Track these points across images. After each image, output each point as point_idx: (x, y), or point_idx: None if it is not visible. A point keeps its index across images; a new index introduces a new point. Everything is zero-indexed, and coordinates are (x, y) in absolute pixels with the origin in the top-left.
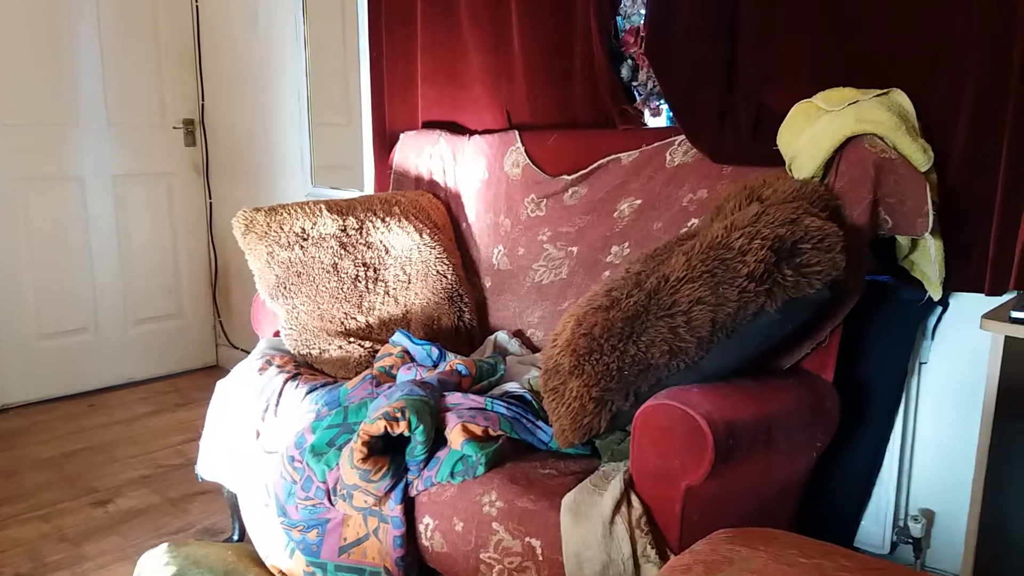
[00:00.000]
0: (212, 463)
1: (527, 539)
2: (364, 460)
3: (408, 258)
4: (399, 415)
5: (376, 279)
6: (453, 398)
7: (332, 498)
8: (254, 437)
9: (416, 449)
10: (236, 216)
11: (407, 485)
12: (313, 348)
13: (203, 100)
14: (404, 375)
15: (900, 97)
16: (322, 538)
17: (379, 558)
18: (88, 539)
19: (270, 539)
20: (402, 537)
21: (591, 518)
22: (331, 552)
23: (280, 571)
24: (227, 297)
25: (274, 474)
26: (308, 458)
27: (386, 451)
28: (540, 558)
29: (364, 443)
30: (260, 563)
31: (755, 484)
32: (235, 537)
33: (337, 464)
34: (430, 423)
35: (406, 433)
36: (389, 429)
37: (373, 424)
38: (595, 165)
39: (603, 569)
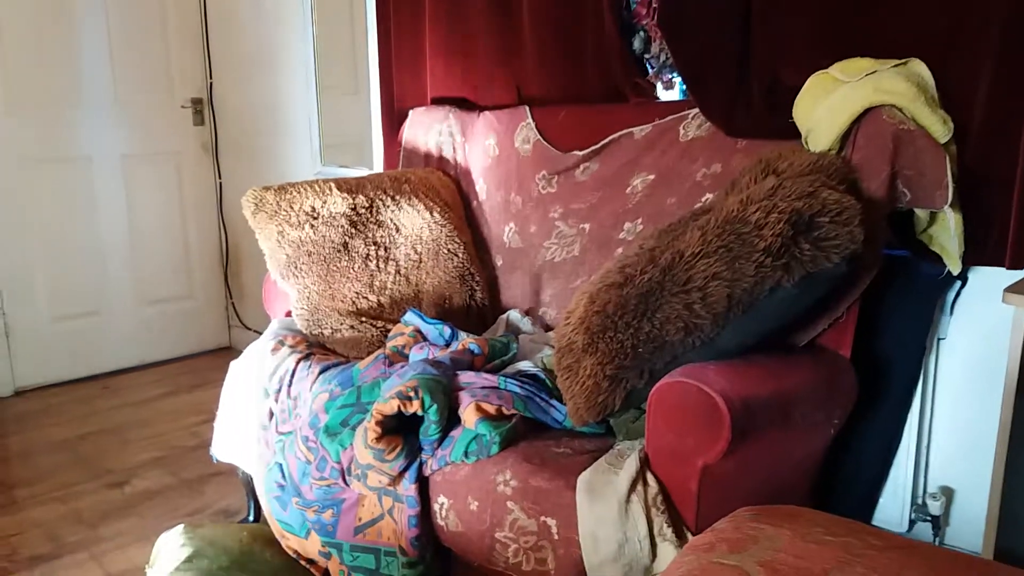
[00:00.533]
0: (227, 444)
1: (542, 518)
2: (378, 440)
3: (419, 237)
4: (412, 394)
5: (387, 258)
6: (466, 377)
7: (347, 478)
8: (267, 418)
9: (430, 428)
10: (246, 195)
11: (421, 464)
12: (325, 328)
13: (211, 79)
14: (416, 354)
15: (919, 67)
16: (337, 518)
17: (394, 538)
18: (105, 520)
19: (285, 519)
20: (417, 517)
21: (607, 497)
22: (346, 532)
23: (295, 551)
24: (238, 277)
25: (288, 454)
26: (322, 438)
27: (400, 430)
28: (556, 537)
29: (378, 423)
30: (275, 544)
31: (772, 462)
32: (250, 518)
33: (351, 444)
34: (444, 402)
35: (419, 412)
36: (403, 408)
37: (387, 403)
38: (607, 140)
39: (619, 548)
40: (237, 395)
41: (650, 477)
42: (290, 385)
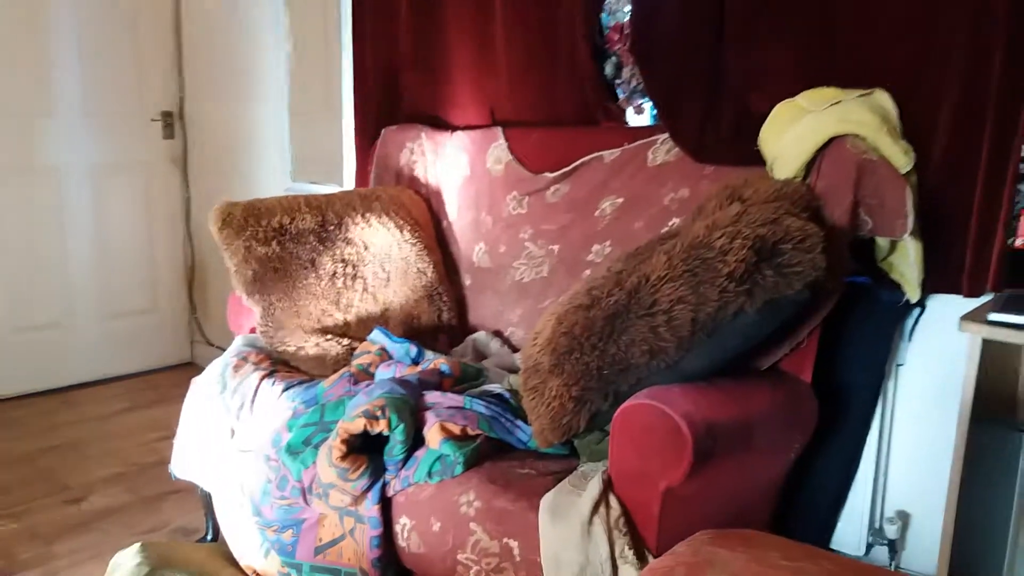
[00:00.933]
0: (186, 462)
1: (505, 539)
2: (343, 458)
3: (387, 255)
4: (379, 413)
5: (355, 276)
6: (432, 396)
7: (308, 497)
8: (229, 436)
9: (395, 448)
10: (213, 209)
11: (384, 485)
12: (289, 345)
13: (182, 92)
14: (383, 372)
15: (883, 98)
16: (297, 538)
17: (355, 559)
18: (60, 537)
19: (244, 539)
20: (379, 538)
21: (569, 519)
22: (307, 552)
23: (255, 571)
24: (203, 293)
25: (249, 473)
26: (284, 457)
27: (364, 450)
28: (518, 559)
29: (343, 441)
30: (234, 563)
31: (733, 485)
32: (209, 537)
33: (313, 463)
34: (410, 422)
35: (385, 432)
36: (369, 428)
37: (353, 422)
38: (578, 163)
39: (580, 570)
40: (198, 412)
41: (613, 499)
42: (252, 403)
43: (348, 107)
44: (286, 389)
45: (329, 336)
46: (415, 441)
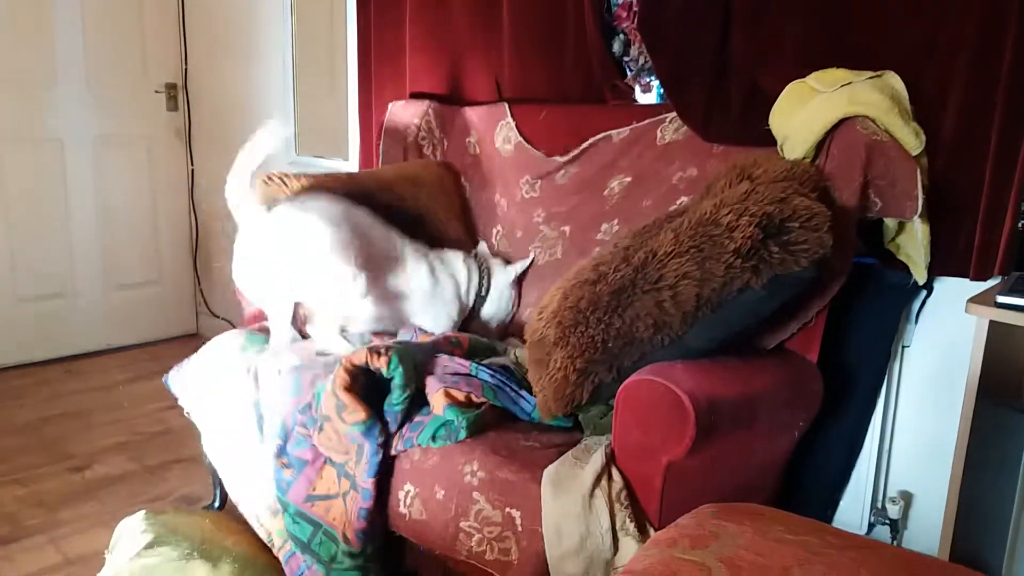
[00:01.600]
0: (185, 383)
1: (507, 509)
2: (346, 390)
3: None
4: (382, 351)
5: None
6: (441, 360)
7: (314, 429)
8: (253, 379)
9: (394, 395)
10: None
11: (385, 451)
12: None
13: (186, 64)
14: (404, 334)
15: (893, 79)
16: (295, 478)
17: (340, 522)
18: (65, 504)
19: (252, 489)
20: (368, 511)
21: (571, 491)
22: (298, 495)
23: (262, 525)
24: (208, 265)
25: (287, 400)
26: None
27: (368, 402)
28: (520, 529)
29: (346, 370)
30: (238, 532)
31: (736, 461)
32: (215, 505)
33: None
34: (411, 371)
35: (384, 372)
36: (369, 361)
37: (356, 354)
38: (586, 144)
39: (581, 541)
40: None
41: (615, 472)
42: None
43: (353, 80)
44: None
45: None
46: (418, 401)
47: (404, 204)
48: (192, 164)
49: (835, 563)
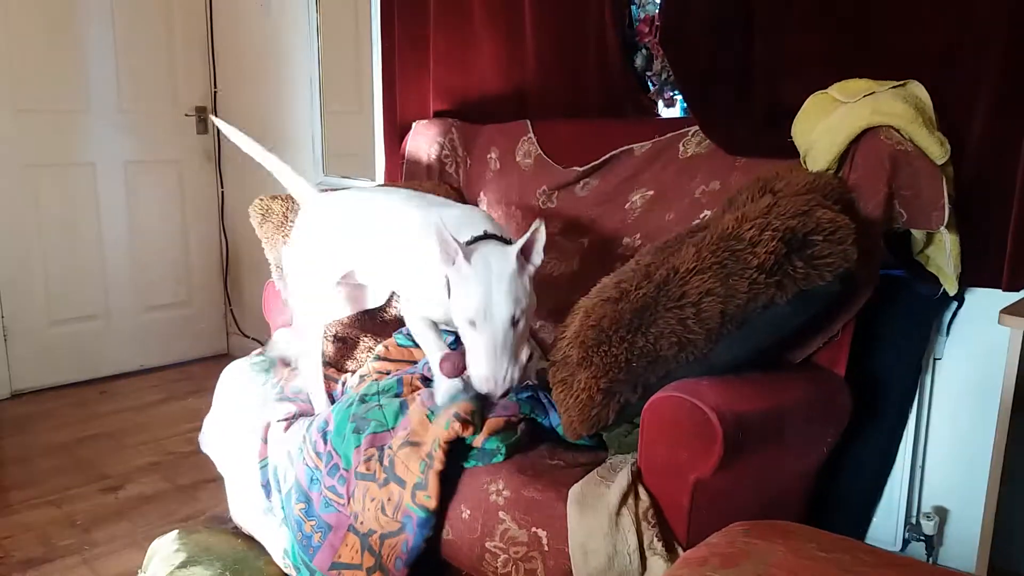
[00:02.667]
0: (213, 440)
1: (533, 529)
2: (437, 474)
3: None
4: (469, 418)
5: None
6: None
7: (352, 485)
8: (260, 440)
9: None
10: (253, 204)
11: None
12: (329, 339)
13: (215, 88)
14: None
15: (917, 89)
16: (321, 544)
17: None
18: (98, 525)
19: (265, 530)
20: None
21: (597, 509)
22: (323, 562)
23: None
24: (238, 285)
25: (297, 462)
26: (335, 441)
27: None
28: (546, 548)
29: (445, 452)
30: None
31: (764, 478)
32: None
33: (358, 447)
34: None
35: (468, 439)
36: (461, 432)
37: (446, 430)
38: (607, 156)
39: (608, 561)
40: (232, 395)
41: (642, 491)
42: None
43: (378, 101)
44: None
45: (367, 334)
46: None
47: None
48: (222, 187)
49: None
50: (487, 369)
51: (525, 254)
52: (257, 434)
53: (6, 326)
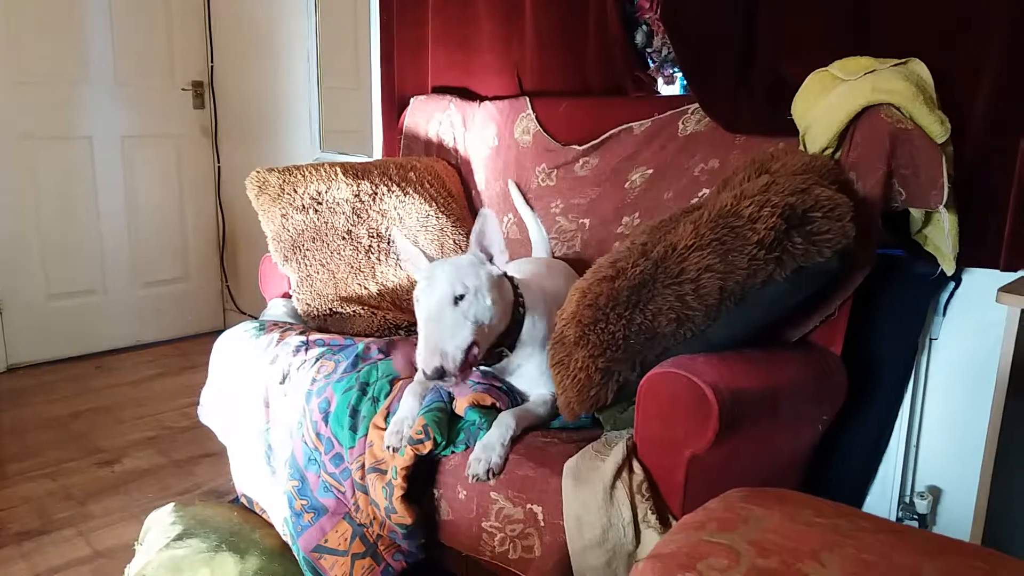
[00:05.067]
0: (212, 410)
1: (529, 506)
2: (402, 499)
3: (423, 226)
4: (423, 435)
5: (389, 251)
6: (475, 374)
7: (364, 475)
8: (263, 405)
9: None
10: (249, 177)
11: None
12: (324, 311)
13: (212, 62)
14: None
15: (918, 67)
16: (310, 525)
17: None
18: (94, 498)
19: (268, 496)
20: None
21: (592, 482)
22: (307, 543)
23: (284, 531)
24: (234, 261)
25: (295, 438)
26: (335, 428)
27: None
28: (542, 524)
29: (404, 479)
30: (265, 525)
31: (759, 455)
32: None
33: (364, 435)
34: (446, 424)
35: (434, 451)
36: (419, 452)
37: (403, 457)
38: (607, 135)
39: (603, 533)
40: (228, 365)
41: (636, 465)
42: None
43: (376, 77)
44: (322, 354)
45: (364, 306)
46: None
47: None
48: (219, 161)
49: (866, 545)
50: (421, 343)
51: (483, 249)
52: (258, 398)
53: (2, 300)
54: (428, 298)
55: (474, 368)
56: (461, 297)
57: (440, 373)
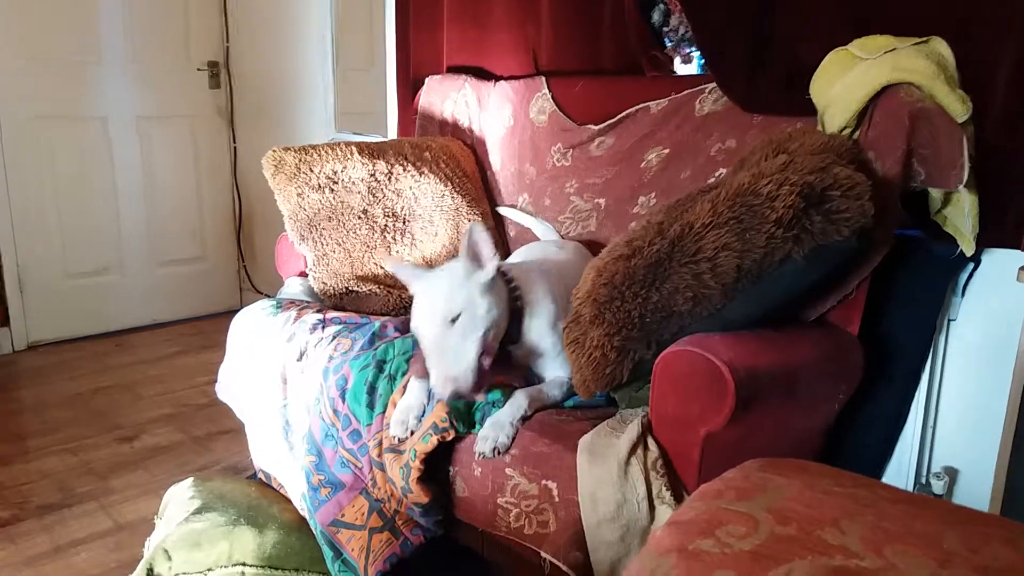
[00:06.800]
0: (229, 387)
1: (544, 481)
2: (419, 481)
3: (438, 206)
4: (446, 424)
5: (404, 231)
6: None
7: (382, 453)
8: (280, 382)
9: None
10: (266, 156)
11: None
12: (340, 290)
13: (228, 42)
14: None
15: (940, 46)
16: (328, 500)
17: (359, 556)
18: (114, 473)
19: (286, 471)
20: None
21: (607, 458)
22: (324, 517)
23: (302, 506)
24: (251, 241)
25: (312, 414)
26: (352, 405)
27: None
28: (557, 499)
29: (423, 462)
30: (283, 499)
31: (775, 433)
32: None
33: (382, 412)
34: (466, 413)
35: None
36: (444, 439)
37: (427, 443)
38: (623, 114)
39: (617, 508)
40: (245, 341)
41: (651, 442)
42: (305, 349)
43: (391, 57)
44: (339, 332)
45: (380, 285)
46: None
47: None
48: (235, 141)
49: (886, 514)
50: (430, 370)
51: (473, 259)
52: (276, 375)
53: (22, 279)
54: (426, 326)
55: (490, 374)
56: (457, 316)
57: (457, 395)
